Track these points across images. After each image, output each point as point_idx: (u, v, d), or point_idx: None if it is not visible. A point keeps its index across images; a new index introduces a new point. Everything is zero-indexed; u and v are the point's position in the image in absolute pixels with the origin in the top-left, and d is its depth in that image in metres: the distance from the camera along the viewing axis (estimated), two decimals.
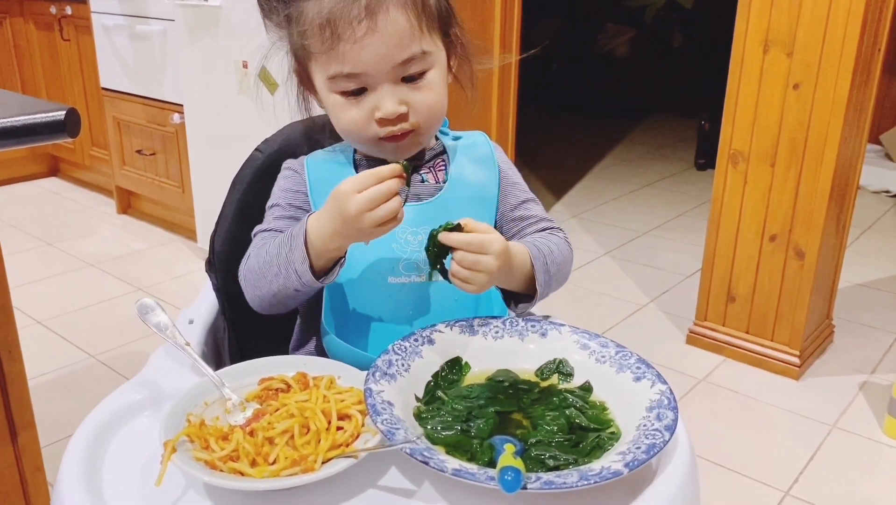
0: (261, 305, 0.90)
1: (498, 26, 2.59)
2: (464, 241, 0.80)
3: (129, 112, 3.10)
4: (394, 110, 0.84)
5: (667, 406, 0.72)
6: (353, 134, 0.89)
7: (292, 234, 0.84)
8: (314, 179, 0.93)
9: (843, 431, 1.90)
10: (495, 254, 0.80)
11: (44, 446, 1.25)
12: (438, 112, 0.89)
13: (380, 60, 0.83)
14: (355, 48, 0.82)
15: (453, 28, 0.91)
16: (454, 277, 0.82)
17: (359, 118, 0.86)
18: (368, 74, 0.83)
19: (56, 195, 3.69)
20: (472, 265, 0.80)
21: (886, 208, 3.56)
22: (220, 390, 0.75)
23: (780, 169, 2.03)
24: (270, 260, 0.85)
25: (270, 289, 0.86)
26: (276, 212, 0.93)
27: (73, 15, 3.28)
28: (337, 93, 0.86)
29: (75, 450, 0.71)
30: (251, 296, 0.90)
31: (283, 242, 0.84)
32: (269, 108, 1.23)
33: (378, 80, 0.84)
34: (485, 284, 0.82)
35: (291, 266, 0.82)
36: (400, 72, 0.84)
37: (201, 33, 2.53)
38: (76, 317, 2.46)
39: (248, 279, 0.89)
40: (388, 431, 0.66)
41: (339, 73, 0.84)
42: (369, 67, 0.83)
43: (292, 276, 0.83)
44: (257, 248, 0.89)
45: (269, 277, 0.85)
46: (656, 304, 2.58)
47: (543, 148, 4.58)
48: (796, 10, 1.90)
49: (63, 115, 0.98)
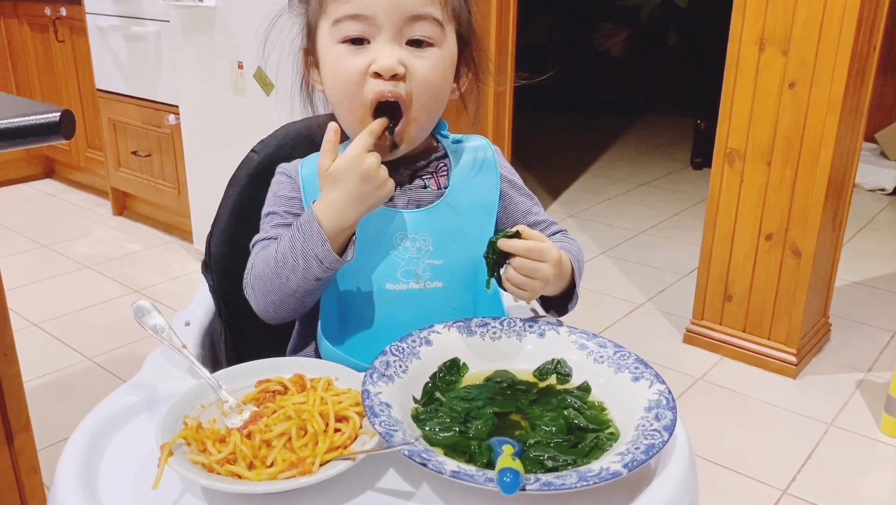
0: (276, 311, 0.87)
1: (494, 24, 2.59)
2: (524, 248, 0.81)
3: (124, 113, 3.09)
4: (391, 65, 0.82)
5: (665, 406, 0.72)
6: (343, 89, 0.85)
7: (301, 225, 0.82)
8: (308, 182, 0.91)
9: (840, 430, 1.90)
10: (552, 262, 0.82)
11: (40, 449, 1.25)
12: (434, 99, 0.87)
13: (391, 5, 0.81)
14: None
15: (472, 49, 0.90)
16: (509, 283, 0.83)
17: (355, 69, 0.83)
18: (375, 21, 0.82)
19: (52, 197, 3.68)
20: (531, 273, 0.82)
21: (882, 206, 3.57)
22: (217, 393, 0.75)
23: (776, 168, 2.03)
24: (284, 258, 0.83)
25: (288, 288, 0.83)
26: (273, 220, 0.91)
27: (68, 16, 3.27)
28: (339, 41, 0.84)
29: (71, 453, 0.70)
30: (264, 304, 0.87)
31: (293, 236, 0.82)
32: (266, 108, 1.23)
33: (383, 32, 0.82)
34: (538, 290, 0.84)
35: (310, 253, 0.81)
36: (407, 30, 0.83)
37: (196, 34, 2.52)
38: (72, 319, 2.45)
39: (259, 287, 0.86)
40: (386, 433, 0.66)
41: (346, 15, 0.82)
42: (378, 11, 0.81)
43: (312, 264, 0.81)
44: (262, 255, 0.87)
45: (286, 274, 0.83)
46: (653, 303, 2.58)
47: (540, 147, 4.58)
48: (791, 9, 1.90)
49: (58, 116, 0.97)
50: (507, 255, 0.82)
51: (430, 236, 0.89)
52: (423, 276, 0.88)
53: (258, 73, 2.35)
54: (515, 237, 0.82)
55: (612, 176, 4.06)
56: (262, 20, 0.94)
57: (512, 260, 0.82)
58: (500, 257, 0.82)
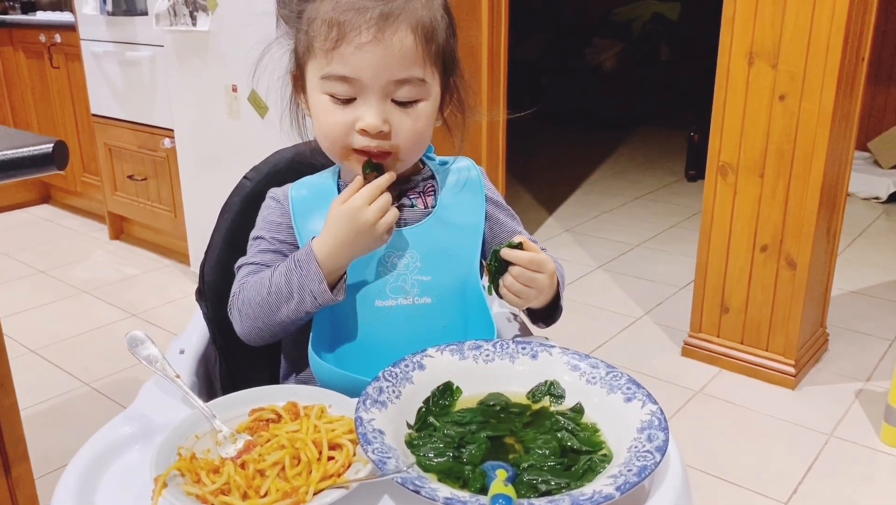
0: (258, 336, 0.90)
1: (485, 42, 2.60)
2: (526, 259, 0.86)
3: (119, 138, 3.11)
4: (376, 124, 0.84)
5: (657, 427, 0.72)
6: (329, 138, 0.88)
7: (299, 260, 0.85)
8: (298, 208, 0.93)
9: (840, 440, 1.90)
10: (549, 273, 0.88)
11: (38, 476, 1.24)
12: (420, 143, 0.89)
13: (377, 71, 0.83)
14: (356, 53, 0.82)
15: (455, 77, 0.92)
16: (507, 291, 0.88)
17: (340, 124, 0.86)
18: (362, 83, 0.83)
19: (48, 222, 3.68)
20: (529, 282, 0.87)
21: (876, 215, 3.58)
22: (211, 422, 0.75)
23: (769, 179, 2.04)
24: (278, 289, 0.86)
25: (277, 317, 0.87)
26: (260, 245, 0.93)
27: (63, 42, 3.29)
28: (327, 94, 0.86)
29: (66, 486, 0.70)
30: (248, 328, 0.90)
31: (290, 270, 0.85)
32: (261, 131, 1.24)
33: (369, 92, 0.84)
34: (532, 299, 0.89)
35: (306, 289, 0.84)
36: (393, 91, 0.84)
37: (190, 58, 2.54)
38: (70, 344, 2.45)
39: (246, 312, 0.89)
40: (380, 461, 0.66)
41: (334, 74, 0.84)
42: (364, 75, 0.83)
43: (306, 298, 0.85)
44: (252, 282, 0.89)
45: (277, 304, 0.86)
46: (650, 316, 2.58)
47: (534, 162, 4.59)
48: (779, 23, 1.92)
49: (51, 147, 0.98)
50: (507, 264, 0.87)
51: (418, 253, 0.91)
52: (411, 291, 0.90)
53: (252, 95, 2.37)
54: (518, 248, 0.87)
55: (606, 189, 4.07)
56: (255, 44, 0.95)
57: (512, 269, 0.87)
58: (501, 266, 0.87)
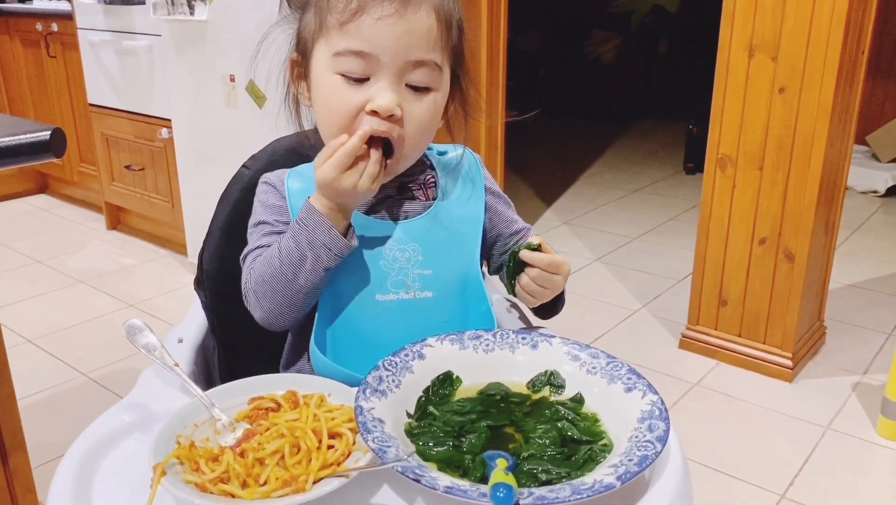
0: (281, 316, 0.87)
1: (485, 34, 2.60)
2: (545, 261, 0.87)
3: (116, 128, 3.09)
4: (389, 106, 0.81)
5: (658, 417, 0.72)
6: (335, 121, 0.84)
7: (302, 220, 0.83)
8: (294, 196, 0.91)
9: (837, 433, 1.90)
10: (565, 275, 0.89)
11: (36, 467, 1.24)
12: (426, 137, 0.88)
13: (396, 47, 0.80)
14: (377, 25, 0.79)
15: (463, 71, 0.90)
16: (523, 291, 0.89)
17: (351, 104, 0.82)
18: (378, 60, 0.81)
19: (45, 212, 3.67)
20: (546, 283, 0.88)
21: (874, 208, 3.58)
22: (210, 411, 0.75)
23: (768, 172, 2.04)
24: (290, 254, 0.83)
25: (296, 284, 0.84)
26: (263, 229, 0.91)
27: (59, 31, 3.28)
28: (338, 73, 0.83)
29: (64, 475, 0.70)
30: (269, 308, 0.86)
31: (296, 231, 0.83)
32: (259, 121, 1.23)
33: (385, 71, 0.81)
34: (546, 298, 0.91)
35: (317, 242, 0.82)
36: (408, 73, 0.82)
37: (188, 48, 2.52)
38: (67, 334, 2.44)
39: (262, 291, 0.86)
40: (380, 449, 0.66)
41: (349, 49, 0.81)
42: (382, 51, 0.80)
43: (321, 253, 0.82)
44: (261, 260, 0.87)
45: (293, 270, 0.83)
46: (648, 309, 2.58)
47: (532, 155, 4.59)
48: (780, 15, 1.91)
49: (48, 135, 0.97)
50: (524, 264, 0.88)
51: (419, 246, 0.90)
52: (412, 286, 0.89)
53: (250, 85, 2.36)
54: (537, 250, 0.88)
55: (605, 182, 4.07)
56: (253, 33, 0.94)
57: (529, 270, 0.88)
58: (518, 267, 0.89)
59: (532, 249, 0.88)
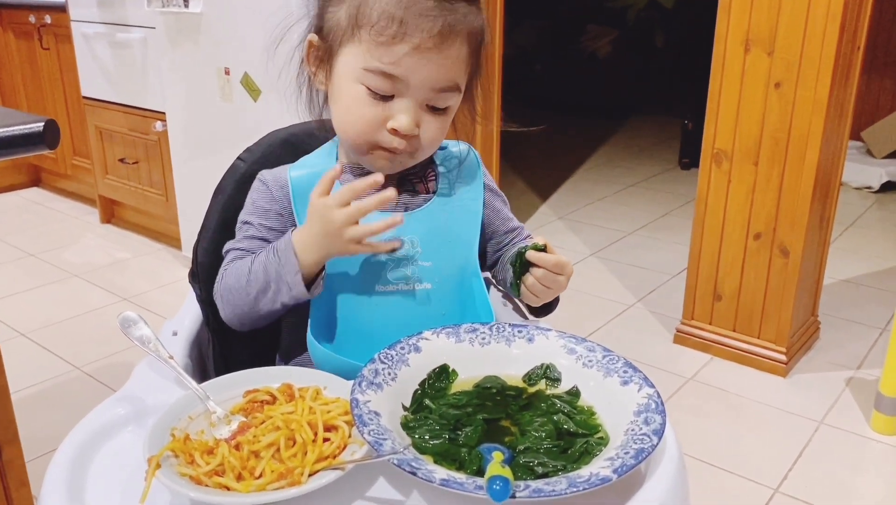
0: (240, 323, 0.91)
1: None
2: (551, 262, 0.88)
3: (110, 121, 3.08)
4: (410, 128, 0.84)
5: (654, 410, 0.72)
6: (355, 131, 0.86)
7: (278, 249, 0.85)
8: (298, 189, 0.91)
9: (830, 427, 1.91)
10: (568, 276, 0.90)
11: (29, 460, 1.24)
12: (436, 146, 0.91)
13: (427, 77, 0.82)
14: (413, 55, 0.80)
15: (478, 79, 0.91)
16: (528, 290, 0.90)
17: (372, 119, 0.84)
18: (407, 85, 0.83)
19: (38, 205, 3.66)
20: (551, 283, 0.89)
21: (868, 204, 3.59)
22: (205, 403, 0.74)
23: (764, 168, 2.04)
24: (256, 277, 0.86)
25: (256, 305, 0.87)
26: (248, 230, 0.93)
27: (53, 23, 3.26)
28: (364, 85, 0.84)
29: (58, 467, 0.70)
30: (229, 314, 0.91)
31: (269, 259, 0.85)
32: (254, 114, 1.22)
33: (409, 94, 0.84)
34: (550, 298, 0.92)
35: (283, 279, 0.84)
36: (432, 97, 0.85)
37: (182, 40, 2.51)
38: (61, 328, 2.43)
39: (227, 298, 0.89)
40: (376, 442, 0.66)
41: (380, 70, 0.82)
42: (414, 79, 0.82)
43: (283, 288, 0.84)
44: (233, 268, 0.89)
45: (255, 293, 0.86)
46: (643, 303, 2.59)
47: (528, 149, 4.58)
48: (776, 10, 1.91)
49: (41, 126, 0.97)
50: (529, 264, 0.89)
51: (419, 238, 0.90)
52: (412, 277, 0.89)
53: (245, 78, 2.35)
54: (543, 250, 0.88)
55: (600, 177, 4.07)
56: (247, 26, 0.93)
57: (534, 270, 0.89)
58: (524, 267, 0.90)
59: (538, 250, 0.88)
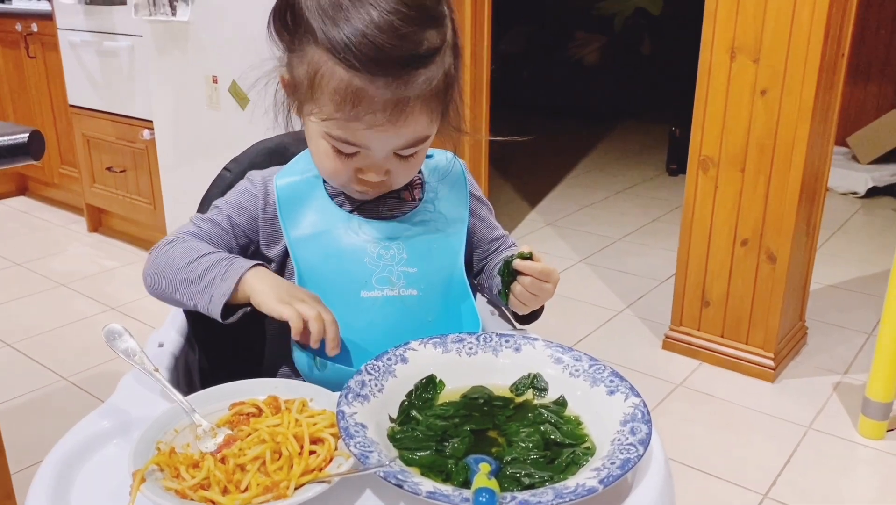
0: (153, 293, 0.91)
1: (469, 34, 2.60)
2: (537, 269, 0.88)
3: (97, 129, 3.07)
4: (378, 180, 0.85)
5: (640, 420, 0.72)
6: (326, 175, 0.89)
7: (231, 266, 0.84)
8: (284, 197, 0.92)
9: (818, 432, 1.91)
10: (555, 283, 0.90)
11: (15, 472, 1.23)
12: (413, 174, 0.90)
13: (387, 145, 0.82)
14: (369, 131, 0.80)
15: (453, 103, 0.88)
16: (516, 299, 0.90)
17: (340, 169, 0.85)
18: (369, 149, 0.82)
19: (25, 214, 3.63)
20: (538, 291, 0.89)
21: (855, 209, 3.61)
22: (191, 416, 0.74)
23: (750, 174, 2.05)
24: (195, 269, 0.85)
25: (175, 288, 0.87)
26: (216, 215, 0.93)
27: (39, 32, 3.24)
28: (329, 143, 0.84)
29: (42, 482, 0.69)
30: (150, 280, 0.90)
31: (217, 266, 0.84)
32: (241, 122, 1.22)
33: (374, 154, 0.83)
34: (536, 306, 0.92)
35: (209, 290, 0.83)
36: (400, 151, 0.84)
37: (170, 49, 2.51)
38: (47, 338, 2.42)
39: (158, 265, 0.89)
40: (362, 455, 0.65)
41: (340, 137, 0.82)
42: (374, 146, 0.82)
43: (205, 297, 0.84)
44: (186, 246, 0.88)
45: (183, 282, 0.85)
46: (632, 309, 2.59)
47: (516, 156, 4.59)
48: (761, 18, 1.92)
49: (26, 137, 0.96)
50: (516, 273, 0.89)
51: (404, 244, 0.90)
52: (397, 283, 0.89)
53: (233, 86, 2.34)
54: (528, 258, 0.88)
55: (588, 183, 4.08)
56: (235, 34, 0.93)
57: (521, 278, 0.88)
58: (511, 275, 0.90)
59: (524, 258, 0.88)
